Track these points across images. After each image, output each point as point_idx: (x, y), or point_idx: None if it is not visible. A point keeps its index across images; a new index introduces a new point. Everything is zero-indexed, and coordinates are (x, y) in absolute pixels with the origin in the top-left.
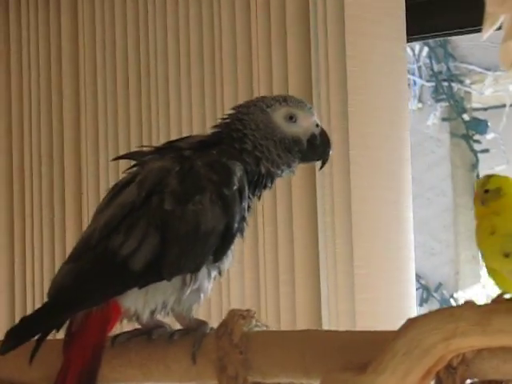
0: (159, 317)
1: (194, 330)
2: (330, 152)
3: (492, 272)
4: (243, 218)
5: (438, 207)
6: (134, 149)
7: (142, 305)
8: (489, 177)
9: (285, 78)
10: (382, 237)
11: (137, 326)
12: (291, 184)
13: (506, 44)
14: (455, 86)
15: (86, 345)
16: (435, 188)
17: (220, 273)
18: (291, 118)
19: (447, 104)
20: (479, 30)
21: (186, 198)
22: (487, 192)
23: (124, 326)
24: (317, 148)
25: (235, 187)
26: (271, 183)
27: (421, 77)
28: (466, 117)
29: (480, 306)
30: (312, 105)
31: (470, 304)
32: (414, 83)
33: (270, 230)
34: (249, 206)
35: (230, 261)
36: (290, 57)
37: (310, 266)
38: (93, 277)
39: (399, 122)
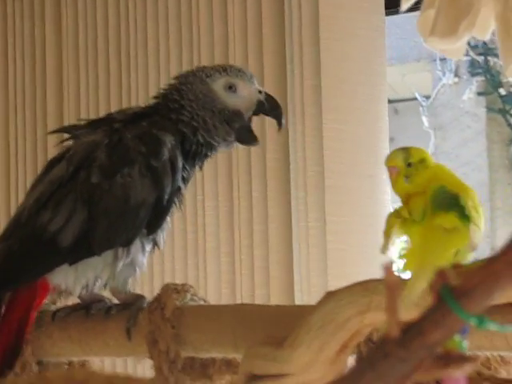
0: (96, 291)
1: (131, 305)
2: (281, 111)
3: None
4: (178, 189)
5: (474, 182)
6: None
7: (72, 281)
8: (405, 149)
9: (259, 49)
10: (356, 211)
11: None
12: (265, 159)
13: (425, 13)
14: (491, 59)
15: (11, 322)
16: (471, 163)
17: (156, 246)
18: (230, 88)
19: (483, 78)
20: None
21: (113, 171)
22: (410, 165)
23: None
24: (267, 112)
25: (165, 158)
26: (211, 153)
27: None
28: (502, 91)
29: None
30: (251, 73)
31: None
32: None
33: (244, 205)
34: (185, 177)
35: (165, 233)
36: (265, 29)
37: (284, 241)
38: (22, 255)
39: (376, 95)
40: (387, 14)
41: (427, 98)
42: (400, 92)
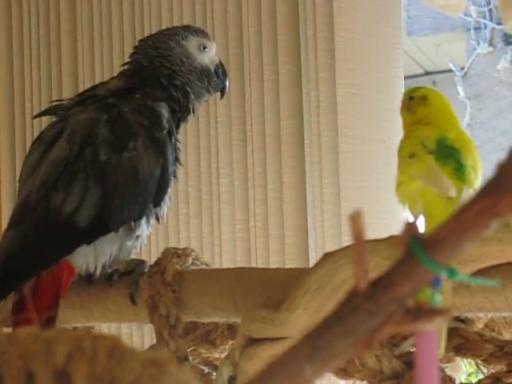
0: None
1: (133, 271)
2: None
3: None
4: (176, 159)
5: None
6: None
7: (93, 261)
8: (416, 87)
9: (273, 11)
10: (370, 177)
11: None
12: (279, 125)
13: None
14: None
15: (40, 309)
16: (506, 133)
17: (158, 218)
18: (204, 48)
19: None
20: None
21: (120, 146)
22: (412, 99)
23: None
24: (219, 77)
25: (165, 129)
26: (190, 115)
27: (491, 19)
28: None
29: (396, 239)
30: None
31: (386, 238)
32: (485, 26)
33: (258, 172)
34: (177, 147)
35: (167, 205)
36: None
37: (298, 208)
38: (38, 240)
39: (391, 58)
40: None
41: (462, 68)
42: (436, 63)
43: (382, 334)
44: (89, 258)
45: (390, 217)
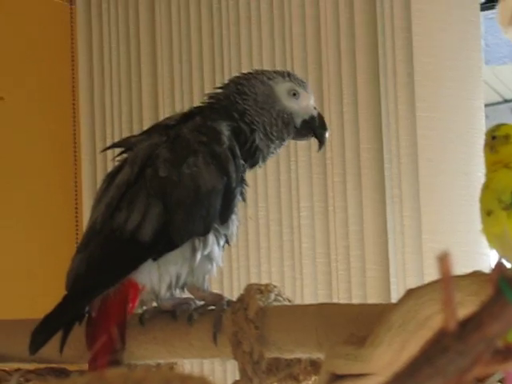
0: (177, 294)
1: (212, 305)
2: (327, 134)
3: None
4: (242, 179)
5: None
6: None
7: (157, 278)
8: (498, 125)
9: (352, 39)
10: (451, 209)
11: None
12: (359, 159)
13: (504, 2)
14: None
15: (108, 328)
16: None
17: (227, 241)
18: (294, 95)
19: None
20: None
21: (179, 162)
22: (494, 139)
23: None
24: (315, 129)
25: (225, 145)
26: (263, 159)
27: None
28: None
29: (480, 275)
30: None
31: (470, 274)
32: None
33: (339, 205)
34: (242, 175)
35: (235, 226)
36: (357, 19)
37: (380, 241)
38: (104, 259)
39: (471, 90)
40: (489, 7)
41: None
42: None
43: (472, 375)
44: (153, 275)
45: (471, 249)
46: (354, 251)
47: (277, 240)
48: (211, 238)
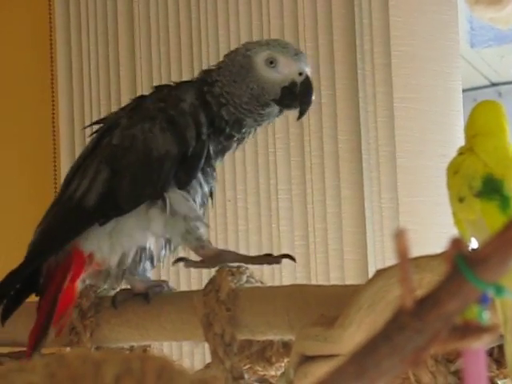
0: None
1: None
2: (310, 102)
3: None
4: (203, 144)
5: None
6: None
7: (107, 248)
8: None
9: (329, 28)
10: (429, 191)
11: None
12: (337, 140)
13: None
14: None
15: (48, 297)
16: None
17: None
18: (271, 63)
19: None
20: None
21: (134, 128)
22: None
23: None
24: (295, 97)
25: (185, 111)
26: (239, 130)
27: None
28: None
29: None
30: (301, 51)
31: (440, 253)
32: None
33: (317, 188)
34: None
35: (200, 193)
36: (334, 6)
37: (357, 223)
38: (53, 226)
39: (448, 72)
40: None
41: None
42: (501, 73)
43: (429, 352)
44: (102, 244)
45: (450, 231)
46: (332, 233)
47: (255, 222)
48: (175, 198)
